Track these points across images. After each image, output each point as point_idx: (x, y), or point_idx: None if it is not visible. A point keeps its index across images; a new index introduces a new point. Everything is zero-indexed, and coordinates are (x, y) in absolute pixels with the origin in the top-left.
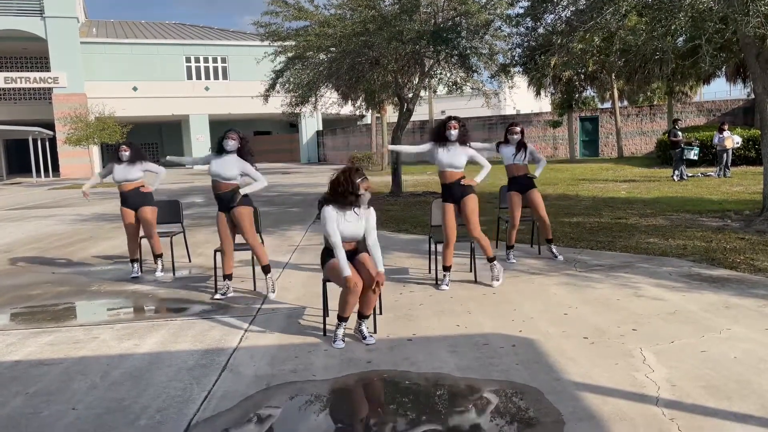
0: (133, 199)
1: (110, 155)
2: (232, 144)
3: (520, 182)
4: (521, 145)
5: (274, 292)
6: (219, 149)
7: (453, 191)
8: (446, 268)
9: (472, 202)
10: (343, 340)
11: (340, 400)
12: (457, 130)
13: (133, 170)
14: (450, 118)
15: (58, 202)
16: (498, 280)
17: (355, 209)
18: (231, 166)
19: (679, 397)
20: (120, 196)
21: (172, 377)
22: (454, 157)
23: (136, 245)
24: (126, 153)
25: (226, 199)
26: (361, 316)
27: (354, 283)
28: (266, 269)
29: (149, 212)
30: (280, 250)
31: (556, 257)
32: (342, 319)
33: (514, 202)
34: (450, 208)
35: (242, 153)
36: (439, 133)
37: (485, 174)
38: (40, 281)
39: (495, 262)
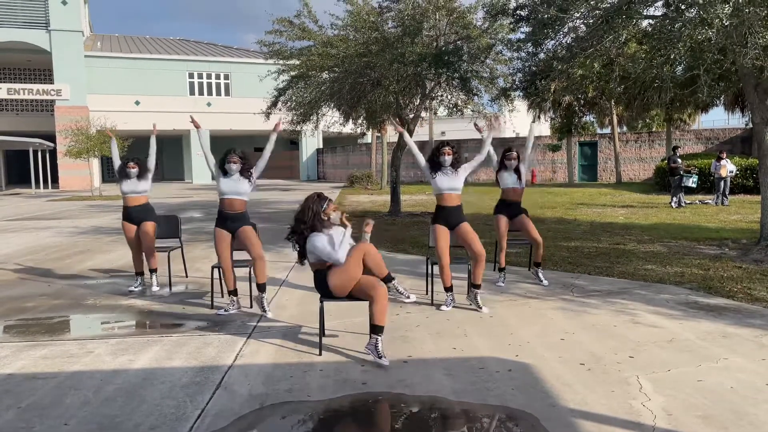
0: (137, 213)
1: (110, 169)
2: (235, 168)
3: (513, 207)
4: (517, 171)
5: (269, 311)
6: (223, 171)
7: (450, 216)
8: (448, 289)
9: (468, 227)
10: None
11: (335, 421)
12: (451, 156)
13: (141, 183)
14: (443, 144)
15: (56, 214)
16: (482, 308)
17: (329, 229)
18: (243, 183)
19: (675, 427)
20: (124, 210)
21: (166, 394)
22: (453, 180)
23: (141, 258)
24: (134, 170)
25: (236, 220)
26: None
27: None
28: (263, 287)
29: (150, 228)
30: (276, 268)
31: (541, 281)
32: (380, 330)
33: (501, 226)
34: (445, 232)
35: (244, 170)
36: (433, 159)
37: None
38: (35, 293)
39: (479, 291)
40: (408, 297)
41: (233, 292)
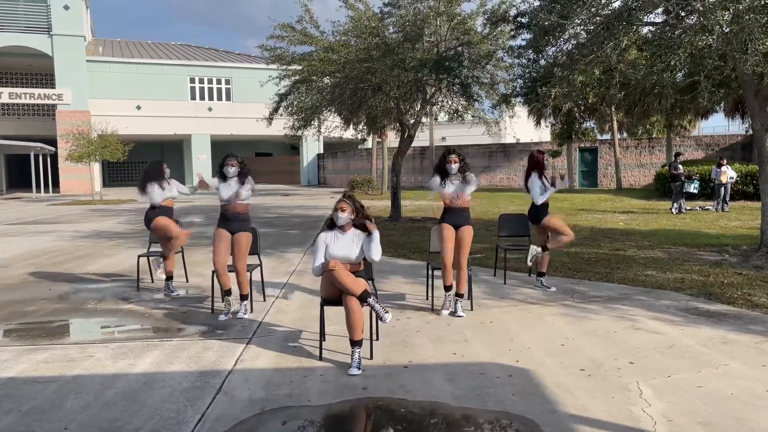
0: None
1: (111, 173)
2: (233, 170)
3: (545, 211)
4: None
5: (245, 313)
6: (221, 175)
7: (457, 218)
8: (448, 288)
9: (470, 232)
10: (359, 367)
11: (335, 426)
12: (457, 164)
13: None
14: (449, 152)
15: (57, 218)
16: (458, 314)
17: (339, 231)
18: (242, 188)
19: None
20: (167, 212)
21: (166, 399)
22: (460, 188)
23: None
24: (168, 170)
25: (236, 220)
26: (458, 295)
27: (332, 265)
28: (245, 297)
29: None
30: (277, 273)
31: (549, 288)
32: (355, 344)
33: (541, 229)
34: (451, 231)
35: (241, 175)
36: (440, 168)
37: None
38: (36, 297)
39: (460, 299)
40: (382, 318)
41: (227, 292)
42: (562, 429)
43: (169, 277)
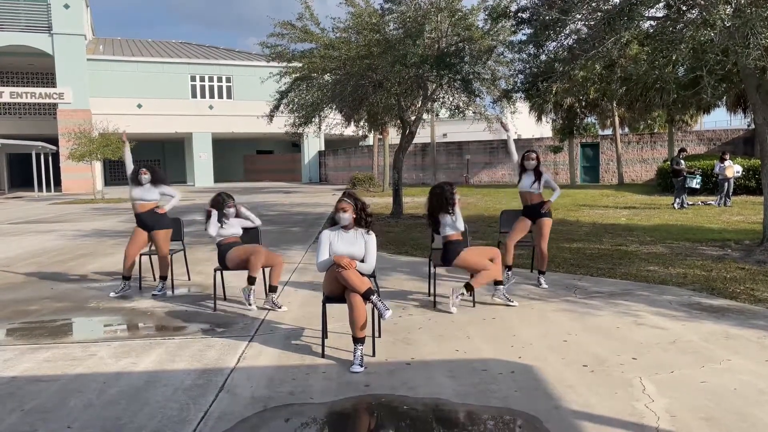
0: (148, 219)
1: (113, 172)
2: (232, 211)
3: (533, 210)
4: (537, 174)
5: (268, 308)
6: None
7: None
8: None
9: (465, 258)
10: (361, 364)
11: (338, 424)
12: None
13: (151, 191)
14: (449, 184)
15: (58, 217)
16: (454, 308)
17: (342, 229)
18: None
19: (678, 429)
20: (135, 216)
21: (169, 397)
22: (455, 225)
23: (132, 266)
24: (146, 176)
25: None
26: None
27: (346, 263)
28: (252, 280)
29: (163, 235)
30: None
31: (540, 284)
32: (357, 341)
33: (519, 225)
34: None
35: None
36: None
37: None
38: (38, 296)
39: (460, 295)
40: (382, 315)
41: (252, 280)
42: (565, 425)
43: (163, 277)
